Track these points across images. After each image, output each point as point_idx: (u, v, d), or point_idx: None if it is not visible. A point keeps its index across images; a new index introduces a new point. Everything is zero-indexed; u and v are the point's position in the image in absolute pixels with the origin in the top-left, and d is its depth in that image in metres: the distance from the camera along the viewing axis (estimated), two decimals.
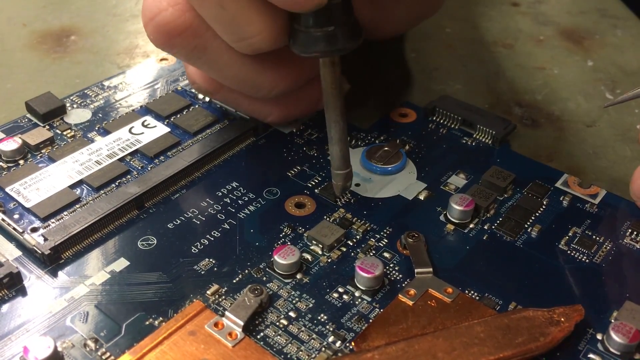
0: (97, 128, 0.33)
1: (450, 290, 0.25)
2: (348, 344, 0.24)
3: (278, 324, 0.24)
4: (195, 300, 0.25)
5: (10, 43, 0.42)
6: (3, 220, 0.27)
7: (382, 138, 0.33)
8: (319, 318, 0.25)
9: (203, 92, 0.32)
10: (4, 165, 0.31)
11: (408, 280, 0.26)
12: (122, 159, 0.31)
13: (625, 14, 0.46)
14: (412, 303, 0.25)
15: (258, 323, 0.24)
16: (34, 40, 0.42)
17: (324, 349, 0.23)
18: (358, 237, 0.28)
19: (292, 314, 0.25)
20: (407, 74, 0.40)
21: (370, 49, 0.39)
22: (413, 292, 0.25)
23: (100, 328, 0.24)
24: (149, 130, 0.33)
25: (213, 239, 0.28)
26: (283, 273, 0.26)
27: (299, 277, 0.26)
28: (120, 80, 0.37)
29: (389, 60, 0.40)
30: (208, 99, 0.35)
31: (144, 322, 0.24)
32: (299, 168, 0.31)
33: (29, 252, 0.27)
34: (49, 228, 0.27)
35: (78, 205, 0.28)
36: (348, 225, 0.28)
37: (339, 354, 0.23)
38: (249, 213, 0.29)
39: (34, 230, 0.27)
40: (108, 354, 0.23)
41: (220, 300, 0.25)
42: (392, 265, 0.27)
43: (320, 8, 0.24)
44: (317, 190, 0.30)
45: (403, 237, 0.27)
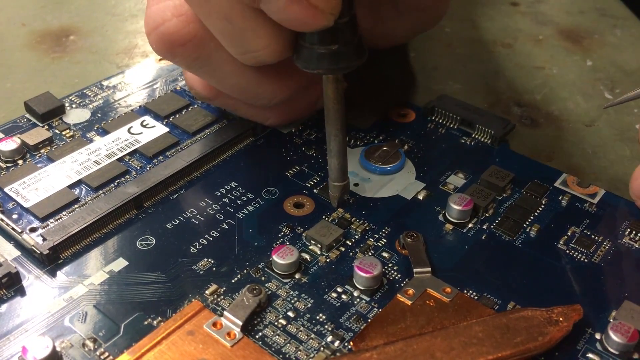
0: (96, 128, 0.33)
1: (449, 290, 0.25)
2: (346, 344, 0.24)
3: (277, 324, 0.24)
4: (194, 300, 0.25)
5: (9, 43, 0.42)
6: (2, 220, 0.27)
7: (380, 138, 0.33)
8: (318, 318, 0.25)
9: (201, 97, 0.32)
10: (3, 165, 0.31)
11: (407, 280, 0.26)
12: (121, 159, 0.31)
13: (625, 14, 0.46)
14: (410, 303, 0.25)
15: (257, 323, 0.24)
16: (33, 40, 0.42)
17: (323, 349, 0.23)
18: (357, 236, 0.28)
19: (290, 314, 0.25)
20: (406, 74, 0.40)
21: (370, 49, 0.39)
22: (412, 291, 0.25)
23: (99, 328, 0.24)
24: (148, 130, 0.33)
25: (212, 239, 0.28)
26: (282, 273, 0.26)
27: (298, 276, 0.26)
28: (119, 80, 0.37)
29: (388, 60, 0.40)
30: None
31: (143, 322, 0.24)
32: (298, 168, 0.31)
33: (28, 252, 0.27)
34: (48, 228, 0.27)
35: (77, 205, 0.28)
36: (347, 225, 0.28)
37: (338, 354, 0.23)
38: (248, 213, 0.29)
39: (33, 230, 0.27)
40: (106, 354, 0.23)
41: (219, 300, 0.25)
42: (390, 265, 0.27)
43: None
44: (315, 190, 0.30)
45: (402, 236, 0.27)
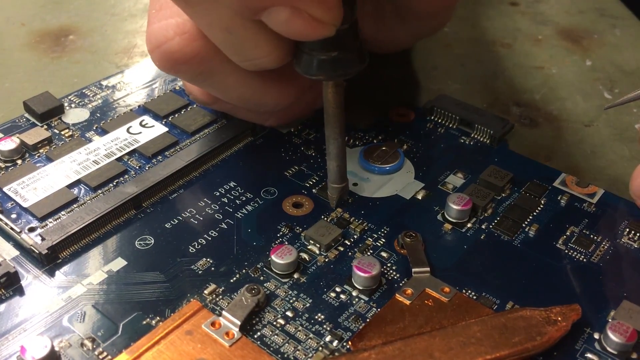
0: (95, 128, 0.33)
1: (448, 290, 0.25)
2: (345, 344, 0.24)
3: (275, 324, 0.24)
4: (193, 300, 0.25)
5: (9, 42, 0.42)
6: (0, 220, 0.27)
7: (380, 137, 0.33)
8: (316, 317, 0.25)
9: (200, 102, 0.32)
10: (2, 165, 0.31)
11: (405, 280, 0.26)
12: (119, 159, 0.31)
13: (624, 14, 0.46)
14: (409, 302, 0.25)
15: (255, 323, 0.24)
16: (33, 40, 0.42)
17: (321, 349, 0.23)
18: (355, 236, 0.28)
19: (289, 314, 0.25)
20: (405, 74, 0.40)
21: (372, 53, 0.39)
22: (410, 291, 0.25)
23: (98, 327, 0.24)
24: (147, 130, 0.33)
25: (210, 239, 0.28)
26: (280, 272, 0.26)
27: (296, 276, 0.26)
28: (119, 80, 0.37)
29: (387, 60, 0.40)
30: None
31: (141, 321, 0.24)
32: (297, 168, 0.31)
33: (27, 251, 0.27)
34: (47, 228, 0.27)
35: (75, 205, 0.28)
36: (345, 225, 0.28)
37: (336, 354, 0.23)
38: (247, 213, 0.29)
39: (32, 230, 0.27)
40: (105, 354, 0.23)
41: (218, 300, 0.25)
42: (389, 265, 0.27)
43: None
44: (314, 190, 0.30)
45: (400, 236, 0.27)
